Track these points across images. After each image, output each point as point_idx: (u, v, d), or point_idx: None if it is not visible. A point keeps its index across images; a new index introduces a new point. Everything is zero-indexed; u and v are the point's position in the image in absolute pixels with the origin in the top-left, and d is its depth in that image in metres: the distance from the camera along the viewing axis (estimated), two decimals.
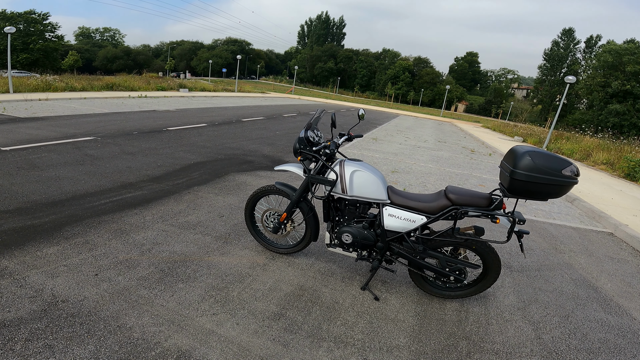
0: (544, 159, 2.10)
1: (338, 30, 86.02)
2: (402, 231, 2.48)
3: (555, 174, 2.06)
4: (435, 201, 2.42)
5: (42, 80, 17.19)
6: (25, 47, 45.46)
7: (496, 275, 2.47)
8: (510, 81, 79.97)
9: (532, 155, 2.11)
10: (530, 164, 2.09)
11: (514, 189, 2.18)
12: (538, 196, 2.18)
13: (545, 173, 2.07)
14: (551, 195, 2.17)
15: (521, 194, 2.20)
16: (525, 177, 2.10)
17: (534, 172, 2.08)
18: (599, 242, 4.62)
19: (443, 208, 2.38)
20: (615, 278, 3.52)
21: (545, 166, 2.07)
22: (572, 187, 2.15)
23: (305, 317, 2.27)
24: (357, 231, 2.56)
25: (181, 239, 3.11)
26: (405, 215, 2.45)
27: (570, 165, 2.10)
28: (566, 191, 2.14)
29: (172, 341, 1.92)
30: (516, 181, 2.14)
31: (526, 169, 2.09)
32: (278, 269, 2.81)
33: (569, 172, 2.08)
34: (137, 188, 4.30)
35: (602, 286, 3.28)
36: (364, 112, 2.93)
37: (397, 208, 2.47)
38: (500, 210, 2.30)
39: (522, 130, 23.04)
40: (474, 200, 2.32)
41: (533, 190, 2.14)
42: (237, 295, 2.40)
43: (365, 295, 2.60)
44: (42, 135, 6.62)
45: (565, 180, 2.08)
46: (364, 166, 2.54)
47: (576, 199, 6.72)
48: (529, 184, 2.12)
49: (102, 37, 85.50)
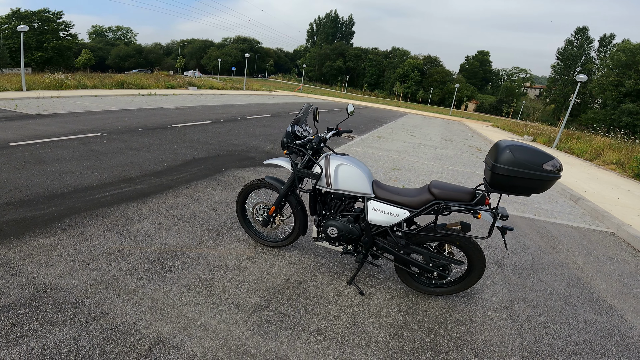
0: (525, 153, 2.08)
1: (347, 28, 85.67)
2: (386, 225, 2.49)
3: (536, 168, 2.04)
4: (418, 196, 2.42)
5: (54, 78, 17.58)
6: (39, 45, 46.45)
7: (480, 273, 2.45)
8: (523, 80, 78.52)
9: (512, 149, 2.09)
10: (510, 158, 2.07)
11: (496, 183, 2.16)
12: (520, 191, 2.16)
13: (525, 167, 2.05)
14: (533, 190, 2.14)
15: (503, 189, 2.18)
16: (505, 171, 2.09)
17: (515, 167, 2.06)
18: (599, 242, 4.55)
19: (426, 202, 2.38)
20: (611, 278, 3.46)
21: (526, 160, 2.05)
22: (555, 182, 2.13)
23: (288, 310, 2.30)
24: (343, 225, 2.58)
25: (175, 231, 3.18)
26: (388, 210, 2.46)
27: (552, 159, 2.08)
28: (549, 186, 2.12)
29: (153, 328, 1.98)
30: (497, 175, 2.12)
31: (507, 163, 2.08)
32: (266, 262, 2.85)
33: (550, 167, 2.06)
34: (137, 182, 4.39)
35: (596, 286, 3.23)
36: (353, 107, 2.95)
37: (381, 202, 2.48)
38: (484, 205, 2.29)
39: (532, 130, 22.66)
40: (456, 195, 2.32)
41: (514, 184, 2.12)
42: (222, 287, 2.45)
43: (350, 289, 2.62)
44: (51, 131, 6.79)
45: (547, 175, 2.05)
46: (349, 160, 2.56)
47: (580, 198, 6.61)
48: (509, 179, 2.10)
49: (115, 36, 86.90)
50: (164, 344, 1.88)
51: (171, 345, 1.88)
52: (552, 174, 2.06)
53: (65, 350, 1.76)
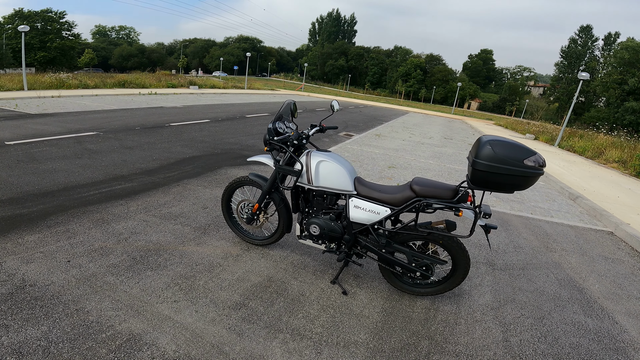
0: (505, 148, 2.02)
1: (349, 27, 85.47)
2: (367, 223, 2.44)
3: (517, 164, 1.98)
4: (400, 193, 2.37)
5: (56, 78, 17.66)
6: (42, 45, 46.69)
7: (465, 272, 2.40)
8: (526, 79, 78.02)
9: (492, 144, 2.03)
10: (490, 153, 2.01)
11: (476, 179, 2.10)
12: (501, 188, 2.09)
13: (506, 163, 1.99)
14: (515, 187, 2.08)
15: (484, 185, 2.11)
16: (485, 167, 2.03)
17: (495, 162, 2.00)
18: (595, 241, 4.48)
19: (407, 200, 2.32)
20: (606, 279, 3.40)
21: (506, 156, 1.99)
22: (538, 179, 2.06)
23: (267, 308, 2.27)
24: (325, 223, 2.54)
25: (160, 229, 3.16)
26: (369, 207, 2.42)
27: (534, 154, 2.01)
28: (531, 183, 2.06)
29: (126, 325, 1.96)
30: (477, 171, 2.06)
31: (487, 158, 2.02)
32: (250, 260, 2.82)
33: (532, 162, 1.99)
34: (128, 180, 4.38)
35: (589, 287, 3.17)
36: (338, 103, 2.90)
37: (362, 199, 2.44)
38: (466, 202, 2.23)
39: (534, 128, 22.48)
40: (438, 192, 2.26)
41: (495, 181, 2.06)
42: (202, 284, 2.43)
43: (333, 289, 2.58)
44: (48, 130, 6.80)
45: (528, 170, 1.99)
46: (331, 157, 2.52)
47: (579, 196, 6.52)
48: (490, 175, 2.04)
49: (118, 35, 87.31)
50: (135, 341, 1.85)
51: (143, 342, 1.86)
52: (534, 170, 1.99)
53: (35, 345, 1.74)
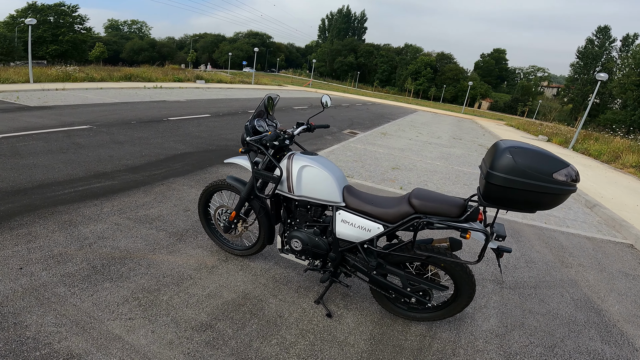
0: (530, 157, 1.63)
1: (359, 24, 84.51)
2: (356, 241, 2.10)
3: (543, 178, 1.60)
4: (396, 207, 2.00)
5: (62, 71, 17.63)
6: (54, 38, 47.08)
7: (468, 299, 2.05)
8: (540, 79, 76.28)
9: (513, 152, 1.64)
10: (510, 164, 1.63)
11: (490, 195, 1.72)
12: (521, 206, 1.72)
13: (529, 176, 1.61)
14: (540, 206, 1.70)
15: (498, 203, 1.73)
16: (503, 180, 1.64)
17: (515, 175, 1.62)
18: (615, 255, 4.08)
19: (404, 216, 1.95)
20: (626, 299, 3.02)
21: (530, 167, 1.61)
22: (569, 196, 1.67)
23: (237, 332, 1.97)
24: (308, 237, 2.21)
25: (132, 233, 2.87)
26: (359, 222, 2.06)
27: (566, 167, 1.62)
28: (560, 201, 1.67)
29: (66, 343, 1.69)
30: (492, 186, 1.68)
31: (505, 170, 1.63)
32: (227, 273, 2.51)
33: (563, 177, 1.60)
34: (109, 178, 4.11)
35: (608, 308, 2.80)
36: (329, 98, 2.57)
37: (351, 213, 2.09)
38: (476, 221, 1.86)
39: (547, 129, 21.79)
40: (441, 208, 1.89)
41: (513, 198, 1.67)
42: (166, 300, 2.13)
43: (317, 310, 2.26)
44: (41, 123, 6.60)
45: (558, 187, 1.60)
46: (316, 161, 2.17)
47: (596, 204, 6.09)
48: (508, 190, 1.65)
49: (130, 30, 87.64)
50: None
51: None
52: (565, 186, 1.61)
53: None
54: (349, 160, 6.66)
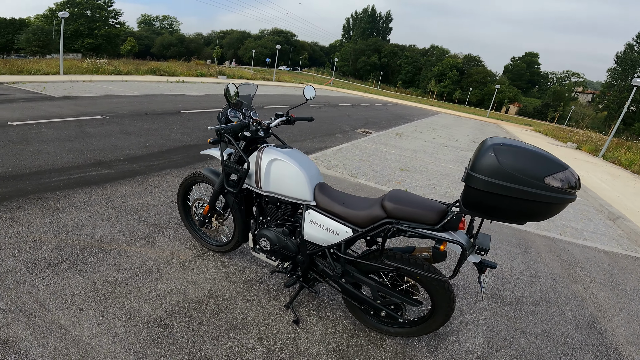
0: (518, 157, 1.37)
1: (384, 24, 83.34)
2: (323, 245, 1.94)
3: (533, 182, 1.34)
4: (367, 209, 1.80)
5: (91, 64, 18.29)
6: (90, 32, 49.10)
7: (445, 317, 1.83)
8: (574, 84, 72.61)
9: (498, 150, 1.39)
10: (492, 164, 1.38)
11: (469, 201, 1.49)
12: (506, 216, 1.46)
13: (515, 180, 1.35)
14: (529, 217, 1.44)
15: (480, 210, 1.49)
16: (483, 184, 1.39)
17: (497, 178, 1.37)
18: (633, 271, 3.72)
19: (374, 220, 1.75)
20: (637, 319, 2.72)
21: (517, 169, 1.35)
22: (566, 206, 1.40)
23: (191, 331, 1.87)
24: (276, 237, 2.07)
25: (112, 223, 2.84)
26: (328, 224, 1.88)
27: (563, 170, 1.35)
28: (554, 211, 1.41)
29: (6, 330, 1.67)
30: (472, 190, 1.44)
31: (486, 171, 1.38)
32: (198, 269, 2.43)
33: (558, 182, 1.34)
34: (107, 167, 4.14)
35: (613, 330, 2.52)
36: (314, 90, 2.42)
37: (321, 213, 1.91)
38: (456, 230, 1.63)
39: (578, 137, 20.70)
40: (416, 213, 1.66)
41: (496, 205, 1.42)
42: (125, 293, 2.06)
43: (286, 315, 2.13)
44: (57, 112, 6.79)
45: (550, 194, 1.34)
46: (289, 155, 2.02)
47: (620, 217, 5.63)
48: (489, 196, 1.40)
49: (161, 25, 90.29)
50: (5, 348, 1.55)
51: (14, 350, 1.56)
52: (560, 194, 1.34)
53: None
54: (356, 160, 6.48)
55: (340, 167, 5.76)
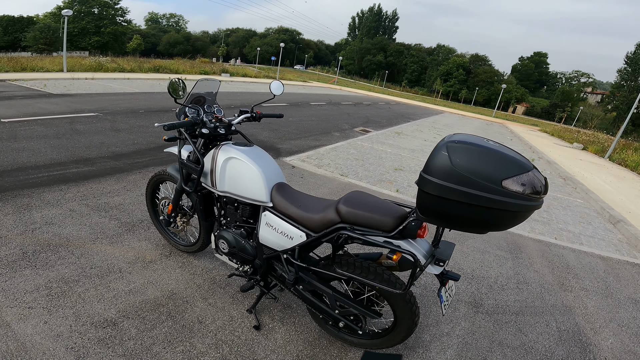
0: (473, 156, 1.21)
1: (390, 23, 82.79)
2: (278, 249, 1.83)
3: (488, 186, 1.18)
4: (321, 212, 1.66)
5: (95, 61, 18.40)
6: (97, 30, 49.47)
7: (407, 332, 1.70)
8: (584, 85, 71.45)
9: (452, 148, 1.24)
10: (444, 165, 1.22)
11: (424, 206, 1.34)
12: (462, 225, 1.31)
13: (468, 183, 1.19)
14: (489, 226, 1.29)
15: (435, 217, 1.34)
16: (435, 188, 1.24)
17: (449, 181, 1.21)
18: (629, 278, 3.57)
19: (328, 224, 1.61)
20: (626, 331, 2.58)
21: (471, 170, 1.19)
22: (530, 214, 1.25)
23: (142, 333, 1.79)
24: (235, 239, 1.97)
25: (82, 221, 2.77)
26: (283, 228, 1.77)
27: (525, 172, 1.19)
28: (516, 220, 1.25)
29: None
30: (424, 194, 1.30)
31: (438, 173, 1.24)
32: (163, 269, 2.34)
33: (518, 186, 1.17)
34: (89, 164, 4.08)
35: (599, 342, 2.38)
36: (282, 85, 2.32)
37: (277, 215, 1.80)
38: (415, 238, 1.48)
39: (584, 137, 20.35)
40: (372, 219, 1.51)
41: (449, 212, 1.27)
42: (80, 293, 1.99)
43: (247, 319, 2.03)
44: (51, 109, 6.77)
45: (508, 200, 1.17)
46: (246, 153, 1.90)
47: (621, 220, 5.46)
48: (441, 202, 1.25)
49: (168, 23, 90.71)
50: None
51: None
52: (521, 200, 1.18)
53: None
54: (350, 159, 6.37)
55: (331, 166, 5.65)
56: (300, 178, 4.83)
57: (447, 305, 1.59)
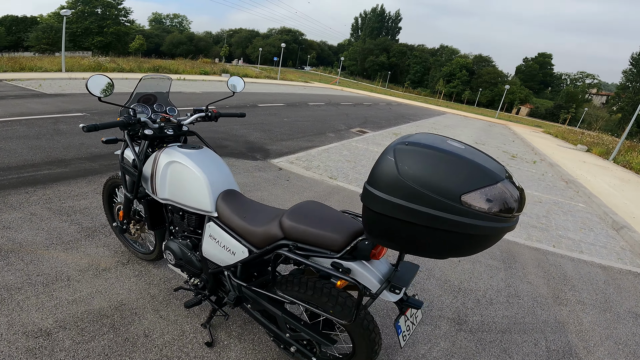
0: (425, 163, 0.96)
1: (393, 24, 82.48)
2: (221, 264, 1.63)
3: (442, 202, 0.93)
4: (265, 226, 1.46)
5: (94, 61, 18.37)
6: (100, 30, 49.57)
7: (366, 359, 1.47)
8: (589, 86, 70.75)
9: (400, 153, 0.99)
10: (390, 174, 0.98)
11: (369, 226, 1.10)
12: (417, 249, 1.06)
13: (417, 198, 0.94)
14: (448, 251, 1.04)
15: (384, 239, 1.11)
16: (378, 204, 1.00)
17: (394, 194, 0.97)
18: (631, 290, 3.34)
19: (270, 240, 1.41)
20: (624, 349, 2.36)
21: (422, 181, 0.94)
22: (499, 238, 1.01)
23: (77, 345, 1.63)
24: (181, 251, 1.79)
25: (41, 225, 2.60)
26: (226, 241, 1.57)
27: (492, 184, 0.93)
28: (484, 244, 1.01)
29: None
30: (368, 211, 1.07)
31: (383, 185, 0.99)
32: (116, 278, 2.16)
33: (482, 202, 0.92)
34: (63, 165, 3.92)
35: None
36: (242, 82, 2.14)
37: (221, 227, 1.60)
38: (369, 259, 1.26)
39: (589, 139, 20.01)
40: (317, 236, 1.29)
41: (397, 234, 1.03)
42: (19, 300, 1.83)
43: (200, 335, 1.84)
44: (39, 109, 6.63)
45: (470, 221, 0.93)
46: (190, 157, 1.68)
47: (625, 226, 5.22)
48: (385, 220, 1.01)
49: (172, 23, 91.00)
50: None
51: None
52: (486, 220, 0.93)
53: None
54: (341, 160, 6.18)
55: (321, 169, 5.46)
56: (286, 181, 4.64)
57: (407, 336, 1.37)
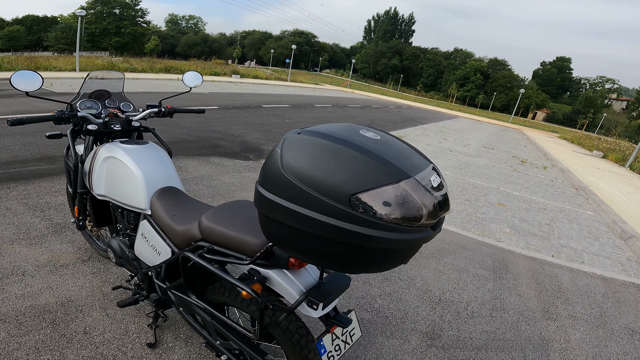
0: (313, 154, 0.80)
1: (407, 27, 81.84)
2: (149, 264, 1.56)
3: (327, 205, 0.76)
4: (187, 225, 1.36)
5: (107, 61, 18.80)
6: (117, 31, 50.74)
7: None
8: (609, 91, 68.64)
9: (289, 143, 0.85)
10: (274, 169, 0.84)
11: (265, 230, 0.96)
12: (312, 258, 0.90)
13: (299, 198, 0.79)
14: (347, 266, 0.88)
15: (280, 244, 0.97)
16: (264, 204, 0.87)
17: (278, 193, 0.83)
18: (632, 304, 3.12)
19: (189, 241, 1.33)
20: None
21: (305, 176, 0.79)
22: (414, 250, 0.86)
23: (11, 337, 1.59)
24: (120, 248, 1.73)
25: (12, 220, 2.57)
26: (154, 241, 1.50)
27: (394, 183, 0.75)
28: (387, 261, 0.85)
29: None
30: (260, 216, 0.94)
31: (268, 181, 0.86)
32: (72, 274, 2.10)
33: (379, 206, 0.74)
34: (51, 162, 3.93)
35: None
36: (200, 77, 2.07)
37: (152, 226, 1.52)
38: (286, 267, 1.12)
39: (605, 145, 19.33)
40: (232, 239, 1.16)
41: (288, 241, 0.89)
42: None
43: (146, 335, 1.77)
44: (44, 107, 6.71)
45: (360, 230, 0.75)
46: (129, 152, 1.61)
47: (634, 236, 4.94)
48: (274, 225, 0.88)
49: (187, 25, 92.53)
50: None
51: None
52: (383, 229, 0.74)
53: None
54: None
55: None
56: None
57: (334, 357, 1.19)
